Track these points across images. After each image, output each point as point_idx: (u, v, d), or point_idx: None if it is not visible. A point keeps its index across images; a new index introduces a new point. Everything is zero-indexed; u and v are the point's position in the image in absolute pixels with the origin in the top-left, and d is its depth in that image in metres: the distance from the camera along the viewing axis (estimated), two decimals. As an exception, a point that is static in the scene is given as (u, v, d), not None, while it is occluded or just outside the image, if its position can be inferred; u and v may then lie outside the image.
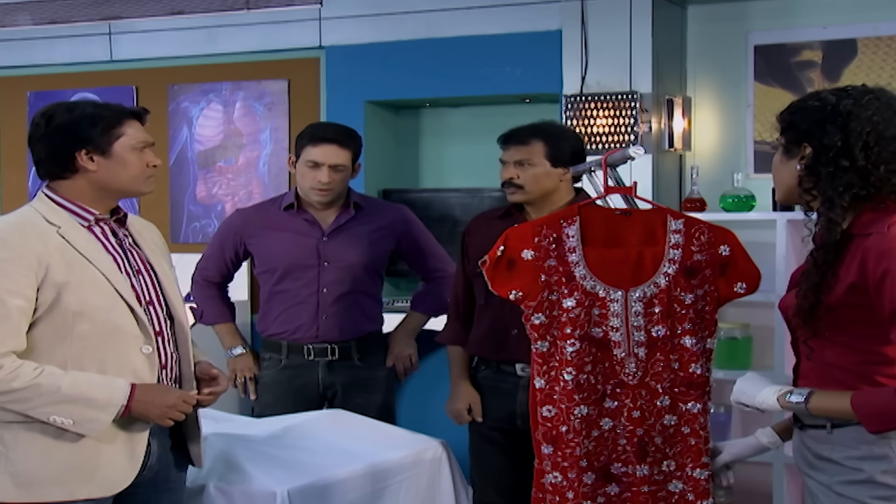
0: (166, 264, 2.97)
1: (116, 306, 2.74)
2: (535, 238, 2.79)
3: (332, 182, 4.05)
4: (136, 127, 2.90)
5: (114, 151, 2.87)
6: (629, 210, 2.89)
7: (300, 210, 4.15)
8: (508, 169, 3.45)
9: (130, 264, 2.85)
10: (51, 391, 2.63)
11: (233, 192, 6.33)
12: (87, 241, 2.80)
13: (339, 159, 4.06)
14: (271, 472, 3.18)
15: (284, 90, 6.21)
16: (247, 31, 6.18)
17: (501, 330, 3.40)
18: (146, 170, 2.90)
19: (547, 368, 2.79)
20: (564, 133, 3.59)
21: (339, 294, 4.08)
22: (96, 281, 2.74)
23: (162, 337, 2.83)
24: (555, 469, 2.79)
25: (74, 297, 2.70)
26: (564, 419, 2.76)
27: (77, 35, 6.56)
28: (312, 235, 4.11)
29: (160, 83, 6.48)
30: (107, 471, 2.71)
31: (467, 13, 5.73)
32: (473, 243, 3.55)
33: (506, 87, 5.72)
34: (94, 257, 2.77)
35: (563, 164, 3.43)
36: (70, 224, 2.81)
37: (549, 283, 2.78)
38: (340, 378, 4.12)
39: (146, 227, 3.04)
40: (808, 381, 2.43)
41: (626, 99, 5.25)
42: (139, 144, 2.88)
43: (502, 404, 3.46)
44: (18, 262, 2.68)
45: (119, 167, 2.88)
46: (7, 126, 6.91)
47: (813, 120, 2.36)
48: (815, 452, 2.40)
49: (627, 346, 2.76)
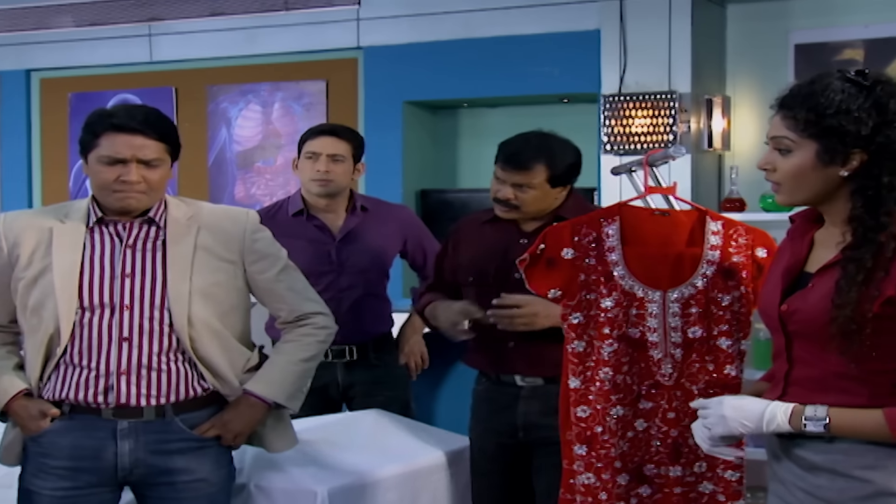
0: (207, 265, 2.93)
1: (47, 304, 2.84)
2: (575, 237, 2.78)
3: (330, 172, 4.07)
4: (114, 140, 2.84)
5: (89, 160, 2.90)
6: (668, 210, 2.88)
7: (309, 216, 4.17)
8: (506, 189, 3.29)
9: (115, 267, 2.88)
10: None
11: (271, 193, 6.35)
12: (68, 240, 2.87)
13: (336, 149, 4.09)
14: (311, 471, 3.19)
15: (323, 91, 6.23)
16: (285, 31, 6.20)
17: (498, 342, 3.29)
18: (113, 184, 2.85)
19: (583, 368, 2.78)
20: (565, 151, 3.34)
21: (355, 298, 4.09)
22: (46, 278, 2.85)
23: (129, 341, 2.85)
24: (588, 470, 2.78)
25: (26, 289, 2.86)
26: (600, 420, 2.75)
27: (117, 36, 6.62)
28: (325, 241, 4.13)
29: (199, 84, 6.52)
30: None
31: (506, 13, 5.73)
32: (464, 250, 3.45)
33: (544, 87, 5.71)
34: (58, 255, 2.85)
35: (561, 184, 3.31)
36: (73, 221, 2.90)
37: (587, 282, 2.77)
38: (360, 378, 4.15)
39: (214, 225, 2.99)
40: (804, 389, 2.28)
41: (664, 98, 5.22)
42: (104, 159, 2.85)
43: (503, 416, 3.33)
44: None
45: (92, 177, 2.91)
46: (49, 127, 6.98)
47: (864, 123, 2.19)
48: (809, 462, 2.27)
49: (664, 346, 2.75)
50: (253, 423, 2.98)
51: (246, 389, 2.97)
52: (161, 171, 2.88)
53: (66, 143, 6.91)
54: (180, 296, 2.87)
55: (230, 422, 2.94)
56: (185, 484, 2.89)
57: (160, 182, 2.89)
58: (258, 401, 2.97)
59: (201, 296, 2.90)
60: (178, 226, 2.94)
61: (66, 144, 6.91)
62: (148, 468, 2.87)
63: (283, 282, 3.09)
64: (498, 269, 3.29)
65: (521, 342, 3.23)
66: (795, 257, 2.37)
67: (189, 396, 2.90)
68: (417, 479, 3.39)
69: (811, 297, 2.27)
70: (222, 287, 2.97)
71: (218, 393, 2.96)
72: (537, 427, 3.23)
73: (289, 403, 3.03)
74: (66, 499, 2.86)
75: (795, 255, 2.38)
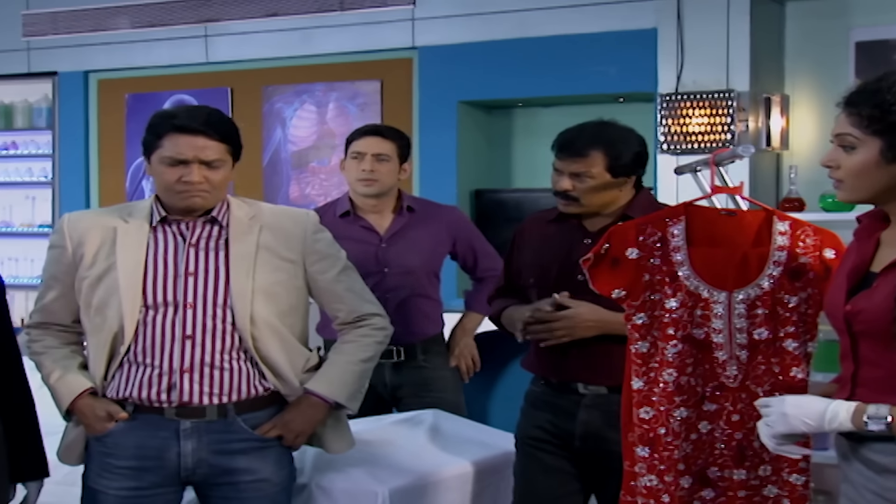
0: (268, 264, 2.94)
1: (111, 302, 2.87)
2: (640, 237, 2.75)
3: (375, 171, 4.07)
4: (177, 141, 2.85)
5: (152, 161, 2.92)
6: (734, 210, 2.84)
7: (356, 216, 4.16)
8: (563, 180, 3.12)
9: (178, 265, 2.89)
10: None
11: (326, 193, 6.37)
12: (132, 239, 2.90)
13: (381, 149, 4.09)
14: (372, 471, 3.18)
15: (377, 90, 6.25)
16: (341, 32, 6.23)
17: (559, 349, 3.12)
18: (176, 184, 2.86)
19: (646, 370, 2.75)
20: (626, 139, 3.16)
21: (401, 299, 4.08)
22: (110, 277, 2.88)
23: (192, 340, 2.86)
24: (650, 472, 2.74)
25: (90, 288, 2.89)
26: (663, 421, 2.72)
27: (174, 38, 6.68)
28: (371, 242, 4.12)
29: (255, 84, 6.56)
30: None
31: (561, 12, 5.72)
32: (527, 250, 3.31)
33: (599, 86, 5.69)
34: (122, 254, 2.88)
35: (624, 174, 3.13)
36: (136, 221, 2.92)
37: (651, 282, 2.74)
38: (407, 379, 4.14)
39: (275, 225, 3.00)
40: (871, 389, 2.26)
41: (722, 97, 5.18)
42: (167, 159, 2.86)
43: (560, 422, 3.17)
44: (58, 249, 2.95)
45: (155, 178, 2.94)
46: (106, 127, 7.06)
47: None
48: (879, 465, 2.25)
49: (729, 348, 2.71)
50: (314, 422, 2.98)
51: (307, 389, 2.97)
52: (223, 171, 2.90)
53: (122, 143, 6.99)
54: (243, 294, 2.88)
55: (291, 421, 2.95)
56: (247, 484, 2.90)
57: (222, 182, 2.91)
58: (319, 400, 2.97)
59: (263, 295, 2.91)
60: (240, 225, 2.95)
61: (123, 145, 6.98)
62: (210, 468, 2.88)
63: (343, 282, 3.09)
64: (560, 270, 3.15)
65: (585, 349, 3.10)
66: (861, 257, 2.36)
67: (251, 396, 2.91)
68: (478, 478, 3.37)
69: (876, 297, 2.26)
70: (283, 286, 2.97)
71: (278, 393, 2.96)
72: (597, 438, 3.11)
73: (349, 403, 3.03)
74: (131, 498, 2.88)
75: (861, 255, 2.36)
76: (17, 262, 7.05)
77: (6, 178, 7.37)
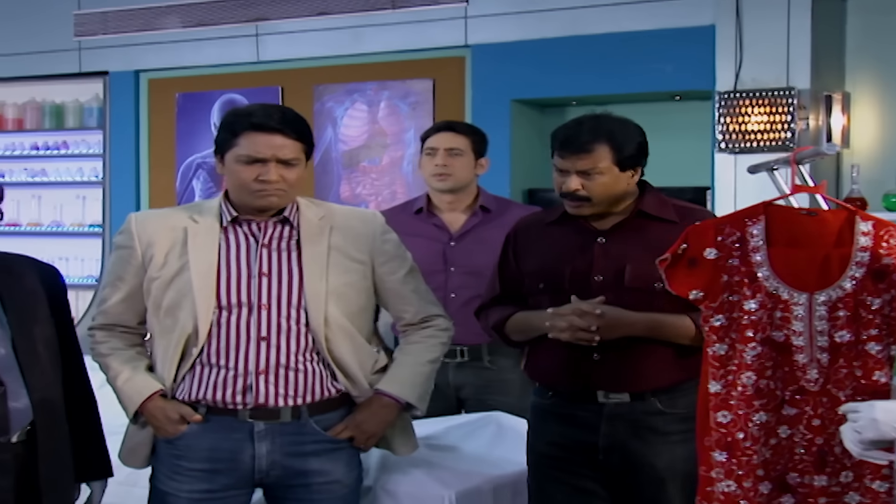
0: (340, 265, 2.91)
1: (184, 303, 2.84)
2: (718, 237, 2.69)
3: (448, 166, 4.04)
4: (254, 139, 2.81)
5: (226, 160, 2.88)
6: (815, 210, 2.77)
7: (430, 214, 4.14)
8: (571, 179, 2.92)
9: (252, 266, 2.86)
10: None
11: (377, 192, 6.35)
12: (203, 239, 2.86)
13: (453, 143, 4.07)
14: (437, 474, 3.14)
15: (429, 89, 6.21)
16: (392, 30, 6.19)
17: (581, 355, 2.95)
18: (252, 183, 2.83)
19: (724, 372, 2.69)
20: (627, 129, 2.98)
21: (466, 298, 4.01)
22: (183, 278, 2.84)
23: (267, 341, 2.82)
24: (728, 477, 2.69)
25: (161, 290, 2.86)
26: (741, 425, 2.66)
27: (224, 37, 6.67)
28: (440, 240, 4.09)
29: (305, 83, 6.54)
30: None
31: (615, 9, 5.66)
32: (529, 256, 3.12)
33: (655, 84, 5.63)
34: (194, 255, 2.85)
35: (630, 166, 2.95)
36: (206, 221, 2.89)
37: (730, 283, 2.68)
38: (471, 380, 4.09)
39: (345, 226, 2.96)
40: None
41: (782, 95, 5.11)
42: (243, 158, 2.83)
43: (580, 435, 2.98)
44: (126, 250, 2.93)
45: (229, 177, 2.89)
46: (156, 127, 7.06)
47: None
48: None
49: (810, 351, 2.65)
50: (386, 423, 2.95)
51: (378, 389, 2.93)
52: (298, 170, 2.87)
53: (172, 142, 6.99)
54: (317, 296, 2.85)
55: (364, 422, 2.91)
56: (319, 486, 2.87)
57: (297, 181, 2.88)
58: (392, 401, 2.94)
59: (335, 296, 2.88)
60: (311, 226, 2.92)
61: (173, 144, 6.99)
62: (284, 470, 2.85)
63: (410, 284, 3.06)
64: (574, 273, 2.98)
65: (609, 353, 2.92)
66: None
67: (323, 397, 2.88)
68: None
69: None
70: (354, 287, 2.94)
71: (348, 394, 2.93)
72: (623, 450, 2.95)
73: (419, 404, 3.00)
74: (203, 501, 2.85)
75: None
76: (67, 262, 7.07)
77: (57, 177, 7.39)
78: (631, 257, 2.95)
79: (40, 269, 2.99)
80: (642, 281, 2.91)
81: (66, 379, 2.90)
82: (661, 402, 2.95)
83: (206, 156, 6.85)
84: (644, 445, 2.93)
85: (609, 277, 2.95)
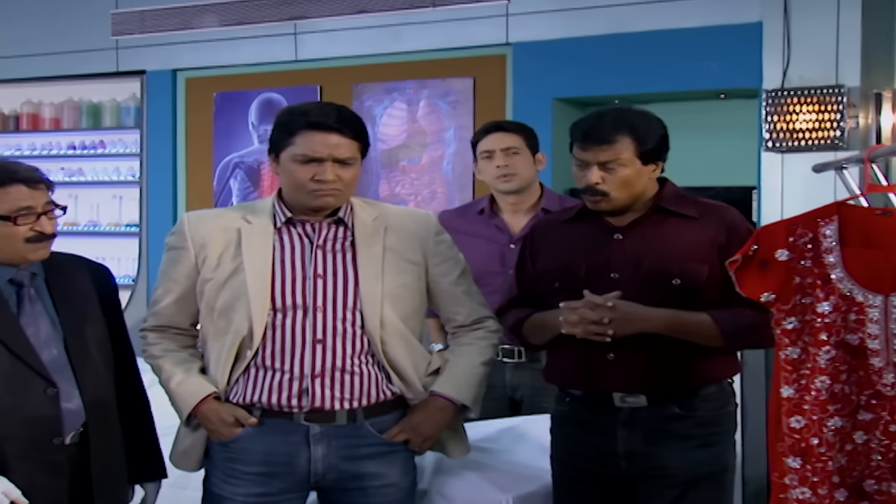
0: (395, 266, 2.86)
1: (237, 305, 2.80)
2: (790, 237, 2.62)
3: (510, 165, 4.02)
4: (311, 138, 2.77)
5: (281, 159, 2.83)
6: (891, 210, 2.70)
7: (492, 214, 4.09)
8: (591, 172, 2.86)
9: (307, 267, 2.81)
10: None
11: (416, 192, 6.29)
12: (258, 240, 2.82)
13: (508, 142, 4.04)
14: (492, 478, 3.10)
15: (470, 88, 6.15)
16: (432, 28, 6.13)
17: (596, 355, 2.89)
18: (309, 183, 2.78)
19: (797, 376, 2.62)
20: (649, 121, 2.91)
21: None
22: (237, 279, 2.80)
23: (323, 344, 2.78)
24: (802, 484, 2.62)
25: (215, 291, 2.82)
26: (816, 431, 2.59)
27: (262, 35, 6.63)
28: (500, 242, 4.04)
29: (344, 82, 6.49)
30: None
31: (659, 6, 5.59)
32: (545, 256, 3.07)
33: (700, 82, 5.55)
34: (249, 256, 2.80)
35: (652, 160, 2.89)
36: (260, 222, 2.85)
37: (802, 285, 2.61)
38: (528, 381, 4.03)
39: (398, 226, 2.92)
40: None
41: (831, 93, 5.03)
42: (300, 157, 2.78)
43: (599, 443, 2.93)
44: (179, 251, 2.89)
45: (285, 176, 2.85)
46: (194, 126, 7.03)
47: None
48: None
49: (886, 354, 2.57)
50: (442, 426, 2.89)
51: (434, 391, 2.88)
52: (354, 169, 2.82)
53: (210, 142, 6.96)
54: (372, 298, 2.80)
55: (420, 425, 2.86)
56: (375, 489, 2.82)
57: (353, 181, 2.83)
58: (447, 403, 2.89)
59: (391, 298, 2.83)
60: (365, 227, 2.87)
61: (211, 143, 6.95)
62: (340, 473, 2.80)
63: (462, 285, 3.02)
64: (590, 271, 2.93)
65: (624, 353, 2.86)
66: None
67: (379, 400, 2.83)
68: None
69: None
70: (408, 289, 2.90)
71: (402, 397, 2.88)
72: (643, 457, 2.89)
73: (474, 407, 2.95)
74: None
75: None
76: (103, 262, 6.97)
77: (94, 177, 7.37)
78: (648, 254, 2.90)
79: (92, 269, 2.98)
80: (660, 278, 2.86)
81: (119, 379, 2.87)
82: (681, 407, 2.89)
83: (243, 155, 6.82)
84: (663, 451, 2.87)
85: (626, 274, 2.90)
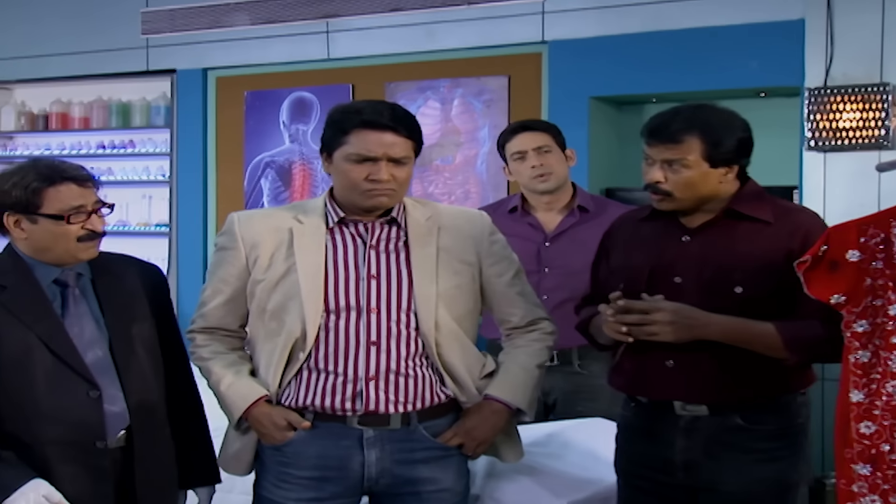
0: (449, 267, 2.81)
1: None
2: (861, 238, 2.56)
3: (545, 164, 3.98)
4: (365, 137, 2.72)
5: (334, 159, 2.79)
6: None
7: (524, 213, 4.05)
8: (654, 169, 2.77)
9: (360, 268, 2.76)
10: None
11: (450, 192, 6.24)
12: (310, 240, 2.77)
13: (538, 141, 4.01)
14: (546, 483, 3.06)
15: (504, 87, 6.08)
16: (466, 26, 6.07)
17: (655, 361, 2.81)
18: (363, 182, 2.73)
19: (867, 381, 2.55)
20: (728, 123, 2.78)
21: (560, 300, 3.91)
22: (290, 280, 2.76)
23: (377, 346, 2.73)
24: (872, 491, 2.55)
25: (266, 292, 2.78)
26: (887, 437, 2.52)
27: (294, 34, 6.58)
28: (534, 240, 4.00)
29: (377, 81, 6.43)
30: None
31: (698, 3, 5.51)
32: (617, 253, 3.00)
33: (740, 80, 5.47)
34: (301, 256, 2.76)
35: (724, 163, 2.75)
36: (312, 222, 2.80)
37: (873, 287, 2.55)
38: (560, 384, 3.99)
39: (452, 226, 2.87)
40: None
41: (876, 91, 4.95)
42: (354, 156, 2.73)
43: (658, 451, 2.84)
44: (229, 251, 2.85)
45: (338, 176, 2.80)
46: (224, 125, 6.98)
47: None
48: None
49: (959, 358, 2.51)
50: (497, 429, 2.84)
51: (489, 395, 2.83)
52: (408, 168, 2.77)
53: (241, 141, 6.91)
54: (427, 299, 2.75)
55: (474, 429, 2.81)
56: (429, 494, 2.78)
57: (407, 180, 2.78)
58: (502, 406, 2.83)
59: (445, 299, 2.78)
60: (419, 227, 2.82)
61: (242, 142, 6.91)
62: (393, 478, 2.76)
63: (517, 286, 2.97)
64: (654, 273, 2.83)
65: (683, 360, 2.77)
66: None
67: (433, 403, 2.78)
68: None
69: None
70: (462, 290, 2.85)
71: (455, 400, 2.83)
72: (700, 467, 2.80)
73: (528, 410, 2.89)
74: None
75: None
76: (134, 262, 7.01)
77: (123, 176, 7.33)
78: (713, 259, 2.79)
79: (141, 268, 2.94)
80: (721, 285, 2.76)
81: (170, 381, 2.83)
82: (744, 418, 2.79)
83: (274, 154, 6.78)
84: (720, 464, 2.78)
85: (689, 279, 2.80)
